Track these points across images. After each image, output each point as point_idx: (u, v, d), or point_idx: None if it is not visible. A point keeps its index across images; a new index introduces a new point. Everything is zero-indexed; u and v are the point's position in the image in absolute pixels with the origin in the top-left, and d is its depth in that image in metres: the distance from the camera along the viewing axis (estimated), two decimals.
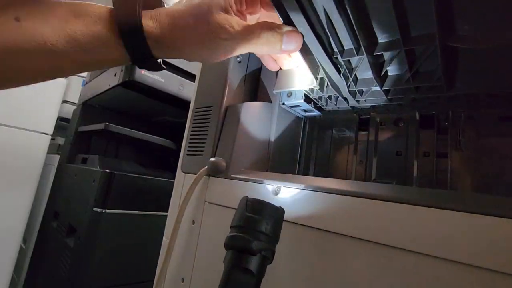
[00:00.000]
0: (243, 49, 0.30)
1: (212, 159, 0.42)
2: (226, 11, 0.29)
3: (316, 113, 0.46)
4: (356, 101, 0.41)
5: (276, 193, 0.34)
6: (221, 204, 0.41)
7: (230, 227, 0.26)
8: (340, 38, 0.33)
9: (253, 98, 0.48)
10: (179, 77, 1.02)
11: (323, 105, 0.44)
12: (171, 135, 1.10)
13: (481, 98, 0.33)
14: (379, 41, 0.31)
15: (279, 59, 0.40)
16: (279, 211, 0.27)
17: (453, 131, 0.36)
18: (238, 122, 0.43)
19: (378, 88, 0.36)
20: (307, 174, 0.49)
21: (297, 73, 0.40)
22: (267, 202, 0.27)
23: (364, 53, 0.31)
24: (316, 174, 0.48)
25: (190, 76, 1.04)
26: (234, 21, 0.29)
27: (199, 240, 0.42)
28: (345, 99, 0.41)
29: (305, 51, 0.35)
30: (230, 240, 0.25)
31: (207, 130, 0.46)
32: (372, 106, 0.42)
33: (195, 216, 0.44)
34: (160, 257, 0.49)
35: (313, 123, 0.50)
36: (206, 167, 0.42)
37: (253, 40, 0.29)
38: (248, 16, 0.33)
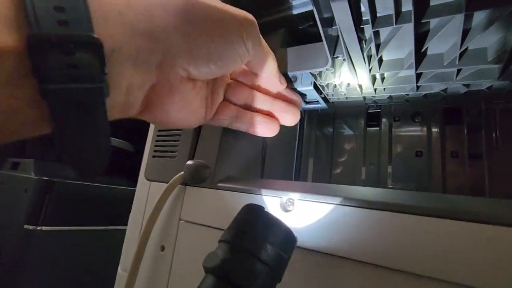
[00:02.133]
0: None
1: (190, 162, 0.31)
2: None
3: (321, 105, 0.37)
4: (374, 89, 0.33)
5: (287, 209, 0.25)
6: (202, 224, 0.30)
7: (221, 241, 0.19)
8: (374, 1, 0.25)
9: None
10: None
11: (329, 94, 0.36)
12: (128, 135, 0.95)
13: None
14: (431, 4, 0.23)
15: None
16: (292, 238, 0.20)
17: (488, 127, 0.30)
18: None
19: (409, 72, 0.29)
20: (305, 180, 0.40)
21: (306, 51, 0.31)
22: (280, 221, 0.20)
23: (412, 19, 0.23)
24: (316, 180, 0.40)
25: None
26: None
27: (171, 274, 0.31)
28: (360, 86, 0.34)
29: (325, 19, 0.26)
30: (220, 262, 0.17)
31: None
32: (389, 97, 0.34)
33: (165, 240, 0.33)
34: None
35: (312, 118, 0.42)
36: (182, 173, 0.31)
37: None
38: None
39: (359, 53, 0.28)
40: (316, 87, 0.35)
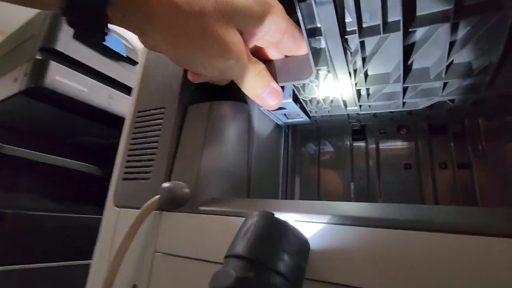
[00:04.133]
0: (235, 67, 0.26)
1: (167, 184, 0.28)
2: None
3: (302, 119, 0.36)
4: (359, 106, 0.32)
5: None
6: (183, 255, 0.26)
7: (230, 256, 0.17)
8: (361, 8, 0.24)
9: (222, 98, 0.36)
10: (108, 87, 0.82)
11: (312, 111, 0.35)
12: (96, 158, 0.88)
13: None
14: (418, 14, 0.23)
15: (266, 48, 0.30)
16: (307, 245, 0.18)
17: (472, 136, 0.30)
18: (205, 129, 0.30)
19: (395, 88, 0.28)
20: (293, 198, 0.38)
21: (290, 63, 0.30)
22: (293, 226, 0.18)
23: (400, 28, 0.23)
24: (304, 197, 0.38)
25: (123, 88, 0.86)
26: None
27: None
28: (344, 102, 0.33)
29: (310, 30, 0.25)
30: (234, 282, 0.14)
31: (156, 142, 0.32)
32: (374, 115, 0.34)
33: (137, 277, 0.28)
34: None
35: (296, 134, 0.41)
36: (157, 197, 0.28)
37: (252, 66, 0.27)
38: None
39: (344, 64, 0.28)
40: (297, 101, 0.33)
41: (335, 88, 0.31)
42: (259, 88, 0.28)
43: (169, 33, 0.24)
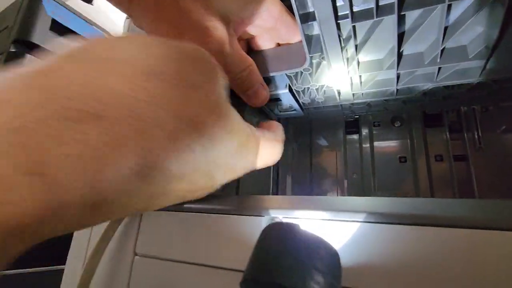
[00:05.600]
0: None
1: None
2: None
3: (295, 112, 0.34)
4: (352, 94, 0.31)
5: None
6: (166, 258, 0.24)
7: (248, 281, 0.13)
8: None
9: None
10: None
11: (306, 102, 0.33)
12: None
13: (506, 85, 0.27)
14: None
15: (258, 37, 0.28)
16: (339, 258, 0.15)
17: (469, 127, 0.29)
18: None
19: (388, 74, 0.27)
20: (284, 194, 0.36)
21: (282, 51, 0.28)
22: (321, 238, 0.15)
23: (395, 11, 0.21)
24: (296, 194, 0.36)
25: None
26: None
27: None
28: (338, 92, 0.31)
29: (302, 15, 0.24)
30: None
31: None
32: (368, 104, 0.32)
33: (115, 283, 0.25)
34: None
35: (288, 128, 0.39)
36: None
37: (238, 59, 0.25)
38: None
39: (338, 50, 0.26)
40: (291, 92, 0.32)
41: (328, 77, 0.29)
42: (245, 86, 0.27)
43: (148, 15, 0.22)
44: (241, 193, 0.29)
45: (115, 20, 1.11)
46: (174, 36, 0.23)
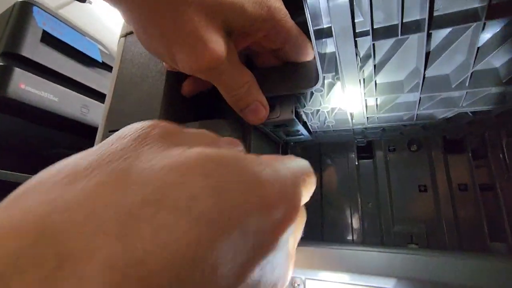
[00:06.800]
0: None
1: None
2: None
3: (303, 136, 0.32)
4: (366, 118, 0.28)
5: None
6: None
7: None
8: (373, 7, 0.20)
9: (210, 114, 0.31)
10: (81, 96, 0.75)
11: (315, 124, 0.31)
12: None
13: None
14: (435, 14, 0.20)
15: (263, 53, 0.26)
16: None
17: (494, 154, 0.27)
18: None
19: (409, 97, 0.24)
20: None
21: (291, 70, 0.26)
22: None
23: (425, 28, 0.19)
24: (305, 226, 0.33)
25: (99, 96, 0.79)
26: None
27: None
28: (351, 115, 0.29)
29: (315, 32, 0.21)
30: None
31: None
32: (382, 129, 0.30)
33: None
34: None
35: (293, 149, 0.36)
36: None
37: (237, 74, 0.23)
38: None
39: (355, 70, 0.24)
40: (298, 115, 0.29)
41: (342, 99, 0.27)
42: (242, 103, 0.24)
43: (139, 19, 0.20)
44: None
45: (112, 29, 1.08)
46: (162, 44, 0.21)
